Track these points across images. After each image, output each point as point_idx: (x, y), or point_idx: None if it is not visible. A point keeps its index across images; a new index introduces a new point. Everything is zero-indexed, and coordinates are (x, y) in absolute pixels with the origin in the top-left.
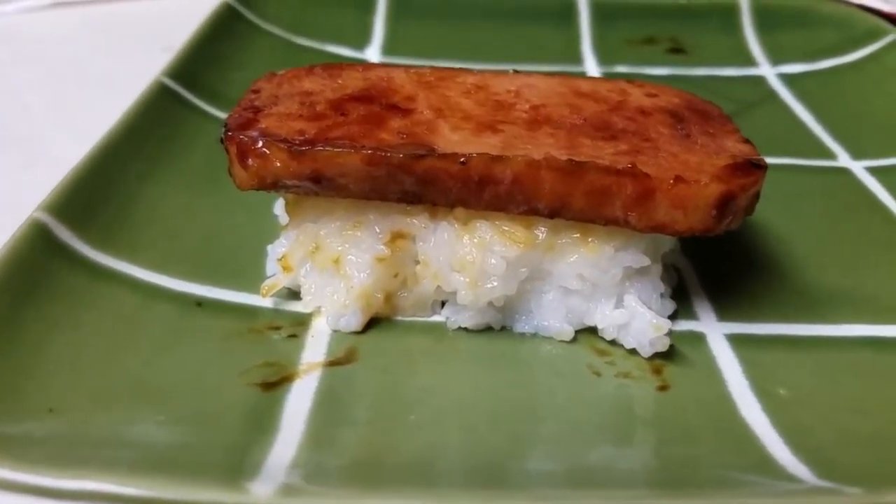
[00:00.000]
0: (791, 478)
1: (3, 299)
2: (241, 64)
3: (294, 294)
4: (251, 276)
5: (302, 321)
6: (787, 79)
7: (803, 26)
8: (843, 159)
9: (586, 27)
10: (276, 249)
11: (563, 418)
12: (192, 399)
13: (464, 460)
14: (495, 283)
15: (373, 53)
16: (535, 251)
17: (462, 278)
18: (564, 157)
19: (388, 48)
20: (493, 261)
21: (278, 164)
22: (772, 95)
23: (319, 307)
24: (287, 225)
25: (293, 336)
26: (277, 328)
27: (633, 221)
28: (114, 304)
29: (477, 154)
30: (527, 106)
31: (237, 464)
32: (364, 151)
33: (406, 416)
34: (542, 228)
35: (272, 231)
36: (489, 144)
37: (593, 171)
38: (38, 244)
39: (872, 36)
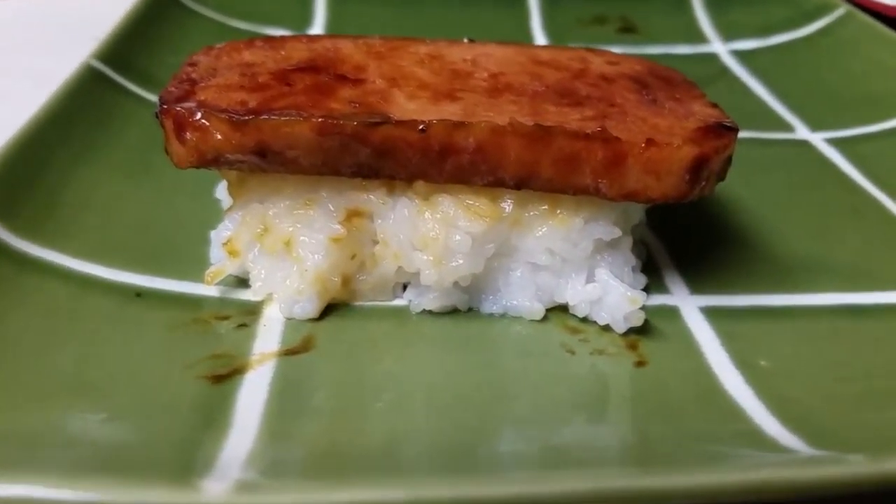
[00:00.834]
0: (784, 449)
1: None
2: (174, 47)
3: (242, 281)
4: (194, 264)
5: (252, 309)
6: (740, 55)
7: (754, 3)
8: (802, 132)
9: (535, 7)
10: (219, 234)
11: (537, 398)
12: (135, 394)
13: (433, 446)
14: (461, 262)
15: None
16: (502, 225)
17: (425, 257)
18: (531, 122)
19: (331, 29)
20: (457, 237)
21: (219, 137)
22: (725, 72)
23: (271, 294)
24: (231, 207)
25: (243, 325)
26: (225, 318)
27: (604, 189)
28: (44, 296)
29: (437, 120)
30: (485, 74)
31: (187, 461)
32: (314, 120)
33: (371, 403)
34: (509, 201)
35: (214, 215)
36: (449, 112)
37: (561, 137)
38: None
39: (823, 10)
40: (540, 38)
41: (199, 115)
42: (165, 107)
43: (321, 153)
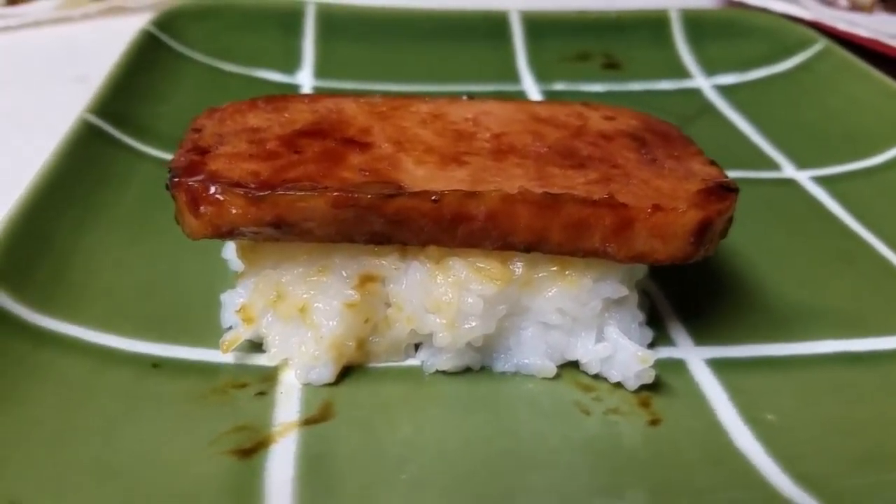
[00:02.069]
0: None
1: None
2: (167, 95)
3: (256, 346)
4: (207, 330)
5: (269, 376)
6: (722, 90)
7: (733, 37)
8: (788, 170)
9: (520, 45)
10: (232, 299)
11: (557, 464)
12: (162, 478)
13: None
14: (474, 323)
15: (305, 77)
16: (513, 287)
17: (438, 320)
18: (539, 191)
19: (320, 71)
20: (470, 300)
21: (235, 211)
22: (709, 108)
23: (286, 359)
24: (243, 272)
25: (261, 393)
26: (243, 386)
27: (612, 252)
28: (62, 372)
29: (449, 191)
30: (488, 135)
31: None
32: (330, 193)
33: (395, 476)
34: (518, 263)
35: (223, 277)
36: (458, 179)
37: (570, 203)
38: None
39: (801, 45)
40: (527, 77)
41: (213, 190)
42: (177, 180)
43: (336, 224)
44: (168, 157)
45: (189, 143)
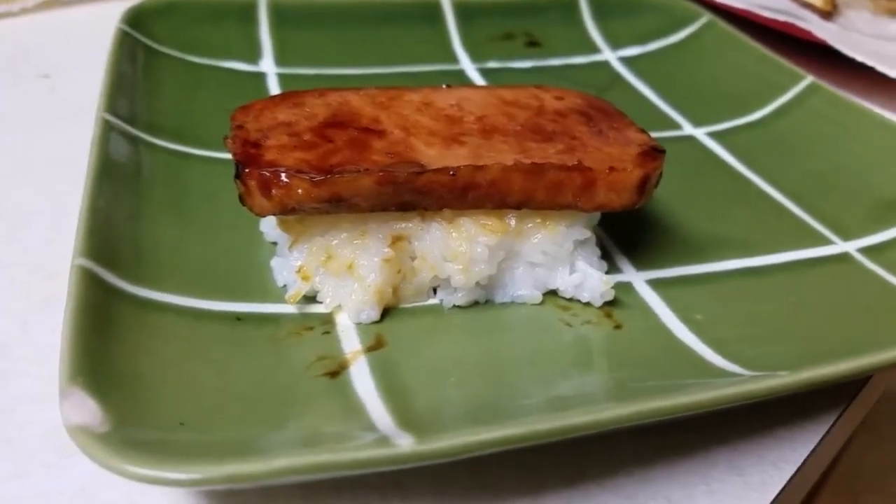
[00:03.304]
0: (732, 374)
1: (91, 343)
2: (155, 90)
3: (310, 299)
4: (265, 289)
5: (327, 319)
6: (627, 61)
7: (631, 13)
8: (688, 128)
9: (453, 27)
10: (279, 264)
11: (555, 361)
12: (282, 396)
13: (502, 402)
14: (482, 266)
15: (268, 65)
16: (508, 237)
17: (456, 266)
18: (528, 161)
19: (280, 59)
20: (478, 249)
21: (300, 192)
22: (618, 78)
23: (339, 306)
24: (293, 241)
25: (327, 332)
26: (310, 328)
27: (581, 205)
28: (170, 329)
29: (462, 166)
30: (472, 118)
31: (359, 435)
32: (375, 173)
33: (447, 379)
34: (511, 218)
35: (261, 247)
36: (463, 155)
37: (551, 170)
38: (94, 290)
39: (689, 19)
40: (463, 57)
41: (283, 176)
42: (249, 170)
43: (377, 197)
44: (175, 147)
45: (240, 137)
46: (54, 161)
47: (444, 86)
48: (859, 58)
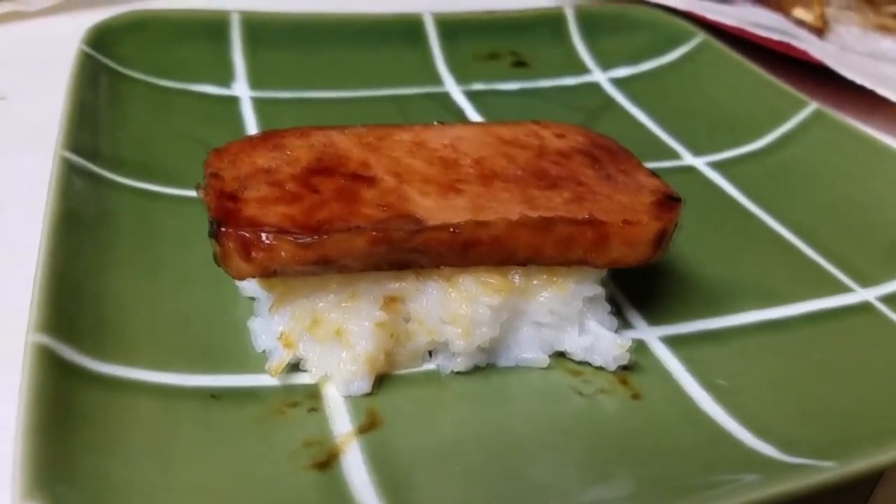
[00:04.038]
0: (763, 458)
1: (49, 437)
2: (119, 119)
3: (293, 366)
4: (244, 357)
5: (312, 393)
6: (618, 83)
7: (621, 31)
8: (687, 158)
9: (436, 45)
10: (260, 326)
11: (568, 438)
12: (264, 494)
13: (519, 498)
14: (484, 329)
15: (241, 88)
16: (513, 296)
17: (455, 329)
18: (535, 215)
19: (255, 82)
20: (480, 310)
21: (284, 255)
22: (610, 101)
23: (325, 375)
24: (274, 302)
25: (313, 409)
26: (295, 404)
27: (592, 260)
28: (141, 415)
29: (464, 222)
30: (469, 160)
31: None
32: (368, 233)
33: (452, 467)
34: (516, 275)
35: (239, 304)
36: (461, 207)
37: (560, 224)
38: (55, 372)
39: (682, 38)
40: (447, 77)
41: (265, 238)
42: (226, 230)
43: (370, 258)
44: (142, 185)
45: (214, 189)
46: (7, 197)
47: (435, 122)
48: (859, 80)
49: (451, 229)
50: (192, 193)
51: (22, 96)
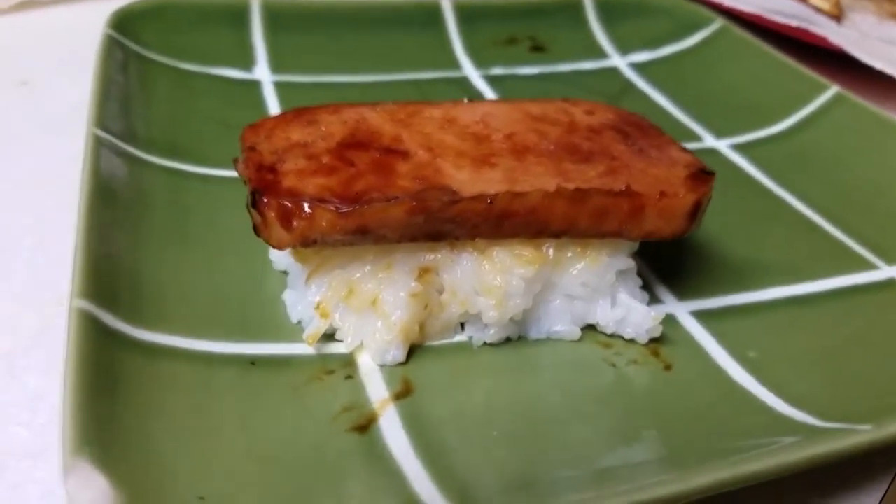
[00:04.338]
0: (805, 425)
1: (96, 401)
2: (147, 101)
3: (327, 337)
4: (279, 327)
5: (348, 361)
6: (637, 67)
7: (640, 16)
8: (709, 140)
9: (454, 31)
10: (293, 297)
11: (603, 408)
12: (309, 457)
13: (552, 465)
14: (517, 301)
15: (262, 72)
16: (546, 268)
17: (489, 301)
18: (571, 186)
19: (275, 66)
20: (514, 282)
21: (324, 224)
22: (630, 86)
23: (360, 345)
24: (310, 273)
25: (349, 377)
26: (331, 372)
27: (627, 233)
28: (181, 380)
29: (501, 192)
30: (500, 135)
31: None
32: (409, 203)
33: (489, 432)
34: (549, 247)
35: (272, 278)
36: (496, 179)
37: (596, 196)
38: (97, 337)
39: (701, 23)
40: (466, 62)
41: (306, 206)
42: (267, 200)
43: (406, 227)
44: (171, 164)
45: (253, 161)
46: (36, 178)
47: (464, 100)
48: (878, 66)
49: (488, 200)
50: (221, 172)
51: (43, 82)
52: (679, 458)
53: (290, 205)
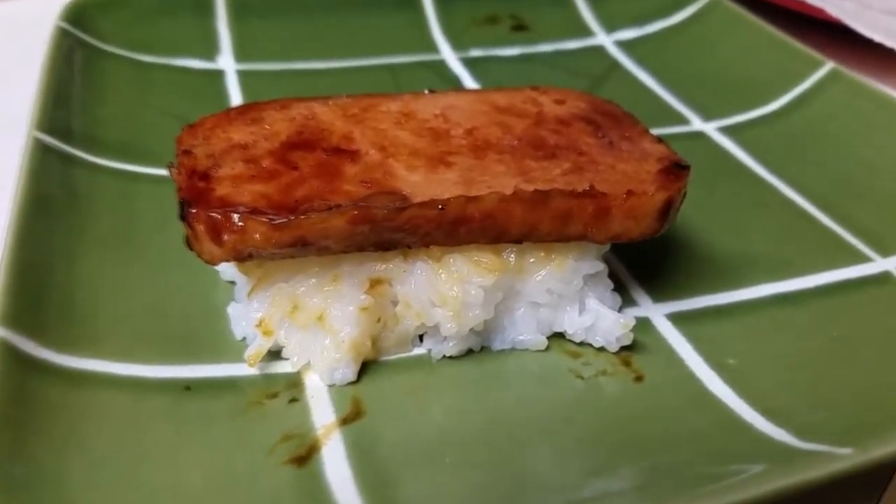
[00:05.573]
0: (781, 444)
1: (7, 436)
2: (100, 97)
3: (274, 355)
4: (222, 344)
5: (294, 382)
6: (624, 46)
7: None
8: (697, 123)
9: (431, 10)
10: (238, 311)
11: (567, 425)
12: (238, 494)
13: (514, 493)
14: (477, 312)
15: (226, 62)
16: (507, 275)
17: (446, 312)
18: (530, 188)
19: (241, 54)
20: (472, 291)
21: (258, 237)
22: (615, 65)
23: (307, 363)
24: (253, 287)
25: (294, 400)
26: (274, 395)
27: (592, 235)
28: (106, 410)
29: (453, 198)
30: (461, 131)
31: None
32: (349, 212)
33: (441, 459)
34: (511, 253)
35: (218, 288)
36: (451, 181)
37: (558, 198)
38: (14, 368)
39: None
40: (443, 44)
41: (236, 219)
42: (195, 211)
43: (351, 238)
44: (121, 166)
45: (186, 167)
46: None
47: (426, 91)
48: (878, 38)
49: (439, 206)
50: None
51: (1, 78)
52: (648, 488)
53: (219, 217)
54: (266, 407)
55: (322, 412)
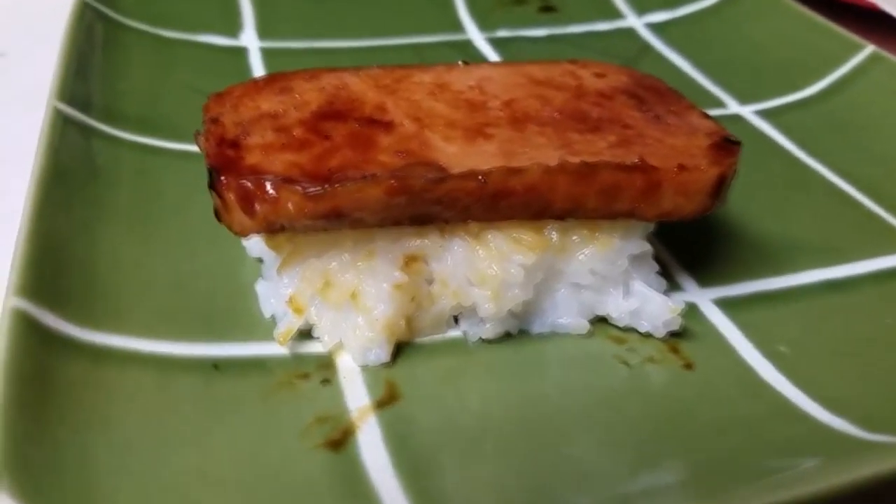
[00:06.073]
0: (845, 436)
1: (27, 415)
2: (121, 71)
3: (304, 333)
4: (250, 322)
5: (326, 363)
6: (655, 28)
7: None
8: (733, 106)
9: None
10: (266, 289)
11: (614, 414)
12: (269, 479)
13: (560, 484)
14: (516, 292)
15: (249, 39)
16: (549, 254)
17: (484, 292)
18: (577, 160)
19: (263, 31)
20: (512, 270)
21: (291, 207)
22: (647, 48)
23: (339, 343)
24: (283, 262)
25: (326, 381)
26: (305, 376)
27: (641, 213)
28: (130, 387)
29: (494, 169)
30: (498, 103)
31: None
32: (385, 182)
33: (481, 446)
34: (552, 230)
35: (245, 265)
36: (490, 153)
37: (606, 170)
38: (34, 342)
39: None
40: (470, 25)
41: (269, 188)
42: (225, 179)
43: (387, 210)
44: (142, 140)
45: (214, 135)
46: (5, 154)
47: (459, 63)
48: None
49: (479, 177)
50: (196, 148)
51: (22, 53)
52: (703, 481)
53: (251, 185)
54: (297, 388)
55: (356, 394)
